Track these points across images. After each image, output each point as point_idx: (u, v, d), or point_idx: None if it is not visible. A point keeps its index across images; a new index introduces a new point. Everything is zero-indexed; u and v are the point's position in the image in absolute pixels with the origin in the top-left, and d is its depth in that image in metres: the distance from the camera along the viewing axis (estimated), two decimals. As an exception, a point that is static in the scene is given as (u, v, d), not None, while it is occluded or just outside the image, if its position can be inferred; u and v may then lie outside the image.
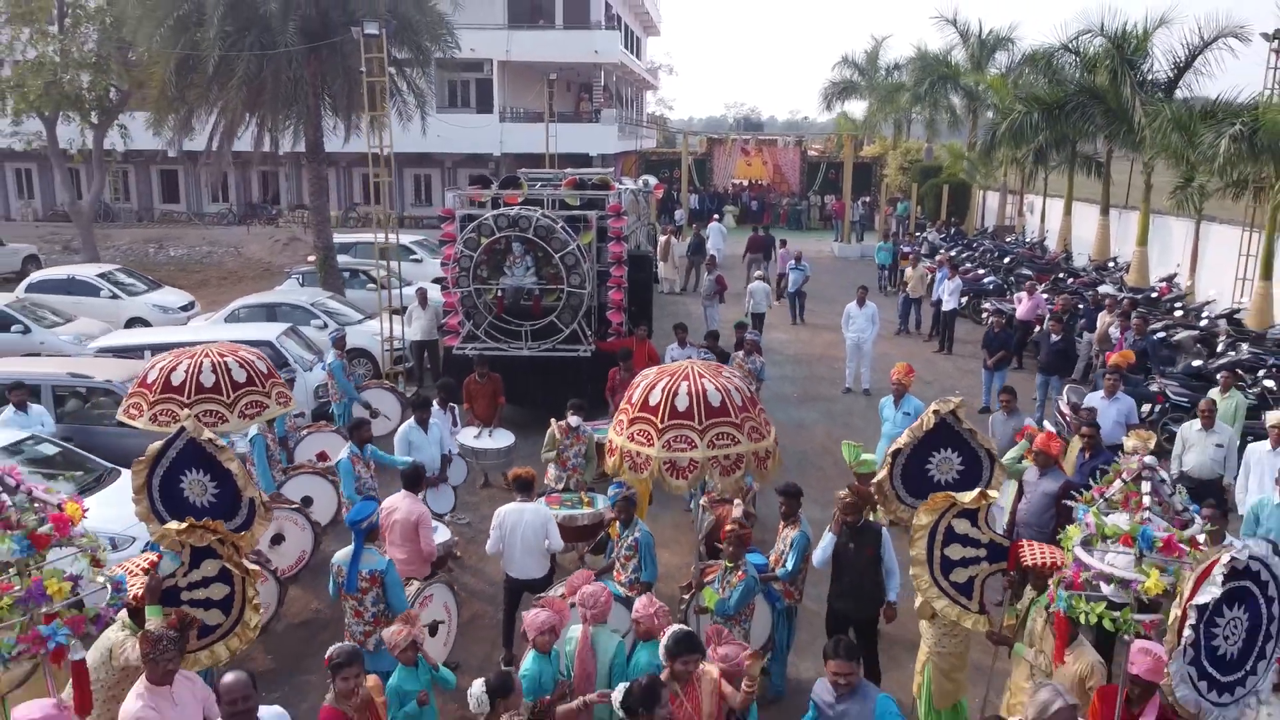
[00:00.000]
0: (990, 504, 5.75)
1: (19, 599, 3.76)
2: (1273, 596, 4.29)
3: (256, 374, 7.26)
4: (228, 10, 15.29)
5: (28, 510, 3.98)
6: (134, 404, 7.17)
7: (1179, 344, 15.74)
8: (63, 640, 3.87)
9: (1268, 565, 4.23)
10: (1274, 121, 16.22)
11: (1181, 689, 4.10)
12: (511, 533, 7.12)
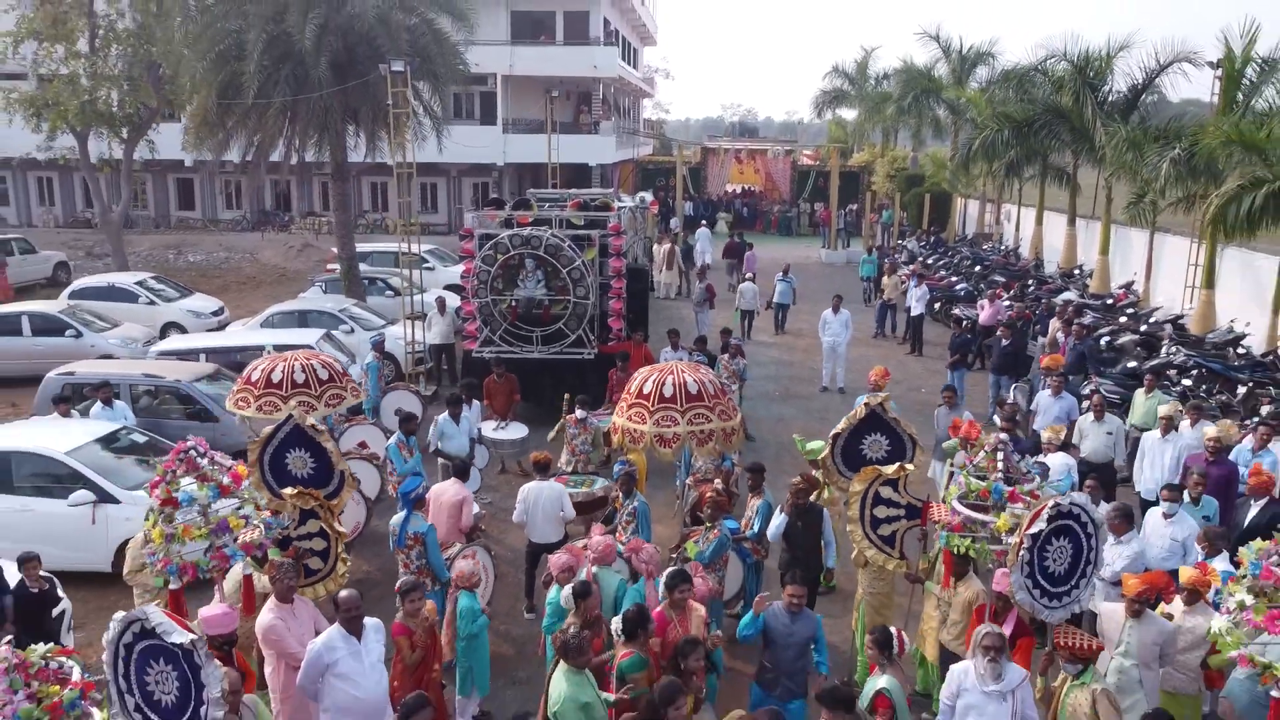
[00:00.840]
0: (907, 474, 7.46)
1: (212, 530, 5.43)
2: (1091, 534, 6.00)
3: (335, 373, 9.01)
4: (266, 46, 16.97)
5: (215, 469, 5.63)
6: (242, 397, 8.89)
7: (1121, 347, 17.48)
8: (239, 557, 5.54)
9: (1086, 510, 5.95)
10: (1209, 146, 17.93)
11: (1020, 595, 5.82)
12: (534, 505, 8.81)
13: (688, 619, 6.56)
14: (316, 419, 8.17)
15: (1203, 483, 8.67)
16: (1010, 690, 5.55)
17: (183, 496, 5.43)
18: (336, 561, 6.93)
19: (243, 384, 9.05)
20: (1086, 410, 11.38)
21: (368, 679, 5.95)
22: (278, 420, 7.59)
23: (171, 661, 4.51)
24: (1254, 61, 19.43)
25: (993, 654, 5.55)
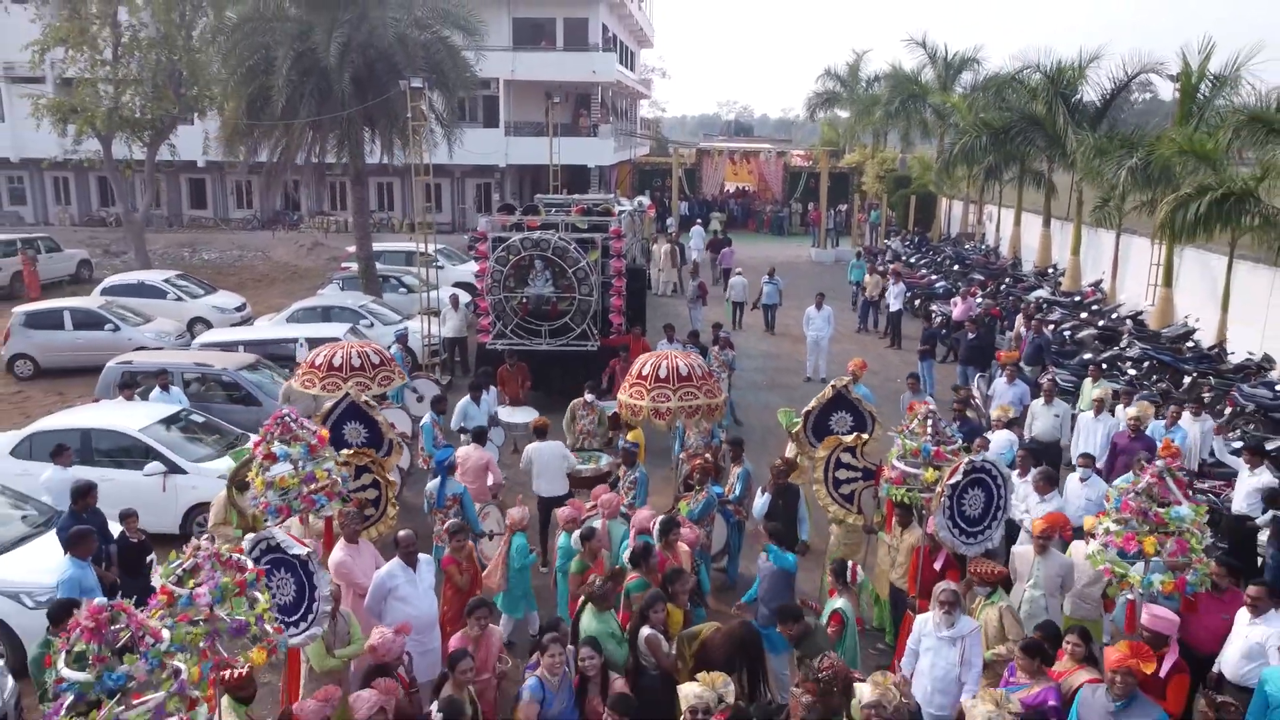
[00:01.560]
0: (864, 443, 8.95)
1: (301, 479, 6.90)
2: (1000, 485, 7.50)
3: (385, 359, 10.50)
4: (293, 62, 18.41)
5: (305, 431, 7.09)
6: (307, 378, 10.37)
7: (1081, 341, 19.00)
8: (323, 503, 7.02)
9: (996, 466, 7.45)
10: (1164, 155, 19.44)
11: (941, 533, 7.31)
12: (539, 462, 10.30)
13: (677, 556, 8.04)
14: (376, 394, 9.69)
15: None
16: (960, 636, 6.71)
17: (280, 453, 6.88)
18: (387, 506, 8.43)
19: (308, 367, 10.55)
20: (1038, 395, 12.89)
21: (421, 601, 7.43)
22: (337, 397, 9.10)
23: (290, 570, 5.98)
24: (1208, 77, 20.94)
25: (947, 607, 6.75)
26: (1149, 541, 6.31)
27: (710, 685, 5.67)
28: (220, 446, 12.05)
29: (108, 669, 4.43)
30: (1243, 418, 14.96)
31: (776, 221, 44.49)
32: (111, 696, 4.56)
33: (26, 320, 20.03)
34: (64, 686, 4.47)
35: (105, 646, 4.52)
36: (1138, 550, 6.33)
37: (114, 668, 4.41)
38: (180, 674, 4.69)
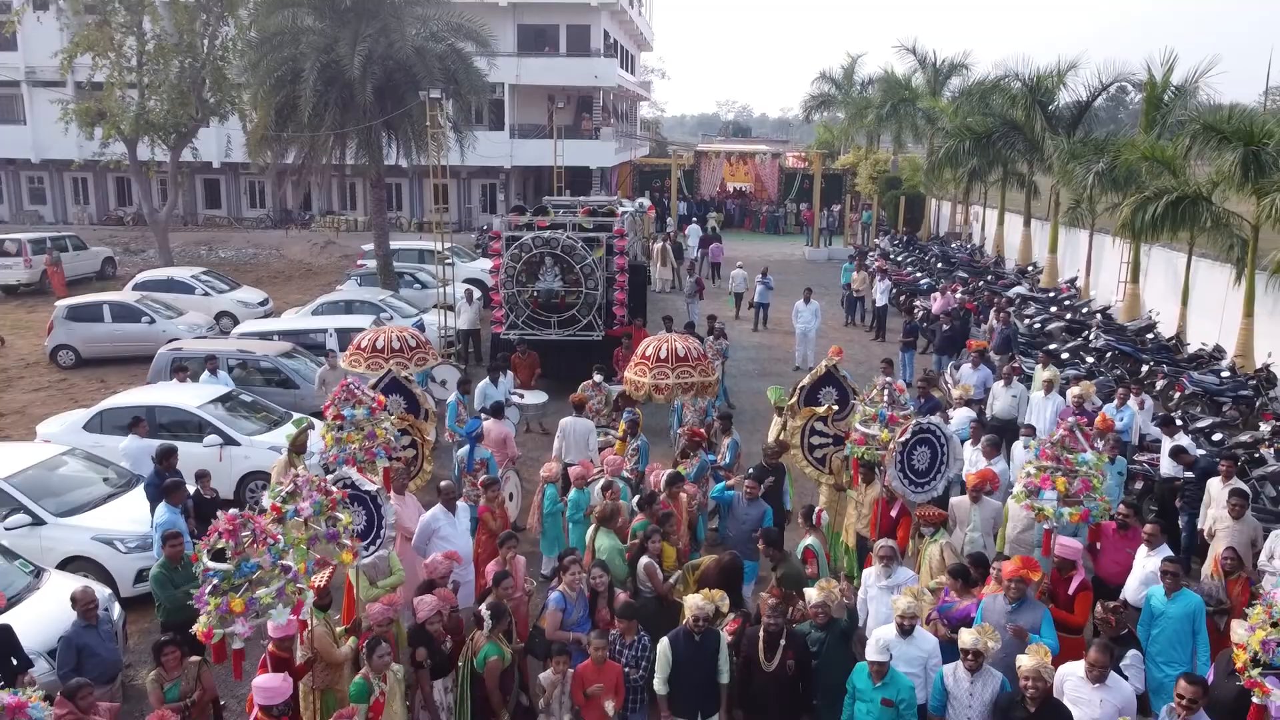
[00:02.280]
0: (833, 414, 10.40)
1: (365, 436, 8.35)
2: (944, 444, 8.95)
3: (420, 342, 11.96)
4: (319, 73, 19.84)
5: (367, 396, 8.53)
6: (354, 359, 11.83)
7: (1050, 332, 20.46)
8: (381, 455, 8.47)
9: (940, 427, 8.91)
10: (1127, 161, 20.89)
11: (895, 483, 8.77)
12: (569, 433, 11.72)
13: (678, 504, 9.49)
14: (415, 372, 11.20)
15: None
16: (898, 585, 7.96)
17: (347, 414, 8.32)
18: (424, 463, 9.92)
19: (354, 349, 12.02)
20: (999, 379, 14.37)
21: (459, 540, 8.87)
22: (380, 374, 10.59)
23: (361, 503, 7.43)
24: (1170, 88, 22.40)
25: (885, 560, 8.10)
26: (1060, 481, 7.77)
27: (710, 599, 7.13)
28: (266, 423, 13.52)
29: (244, 560, 5.88)
30: (1190, 401, 16.47)
31: (772, 221, 45.96)
32: (237, 589, 6.03)
33: (69, 313, 21.46)
34: (210, 574, 5.93)
35: (239, 545, 5.98)
36: (1052, 488, 7.79)
37: (249, 558, 5.85)
38: (291, 569, 6.16)
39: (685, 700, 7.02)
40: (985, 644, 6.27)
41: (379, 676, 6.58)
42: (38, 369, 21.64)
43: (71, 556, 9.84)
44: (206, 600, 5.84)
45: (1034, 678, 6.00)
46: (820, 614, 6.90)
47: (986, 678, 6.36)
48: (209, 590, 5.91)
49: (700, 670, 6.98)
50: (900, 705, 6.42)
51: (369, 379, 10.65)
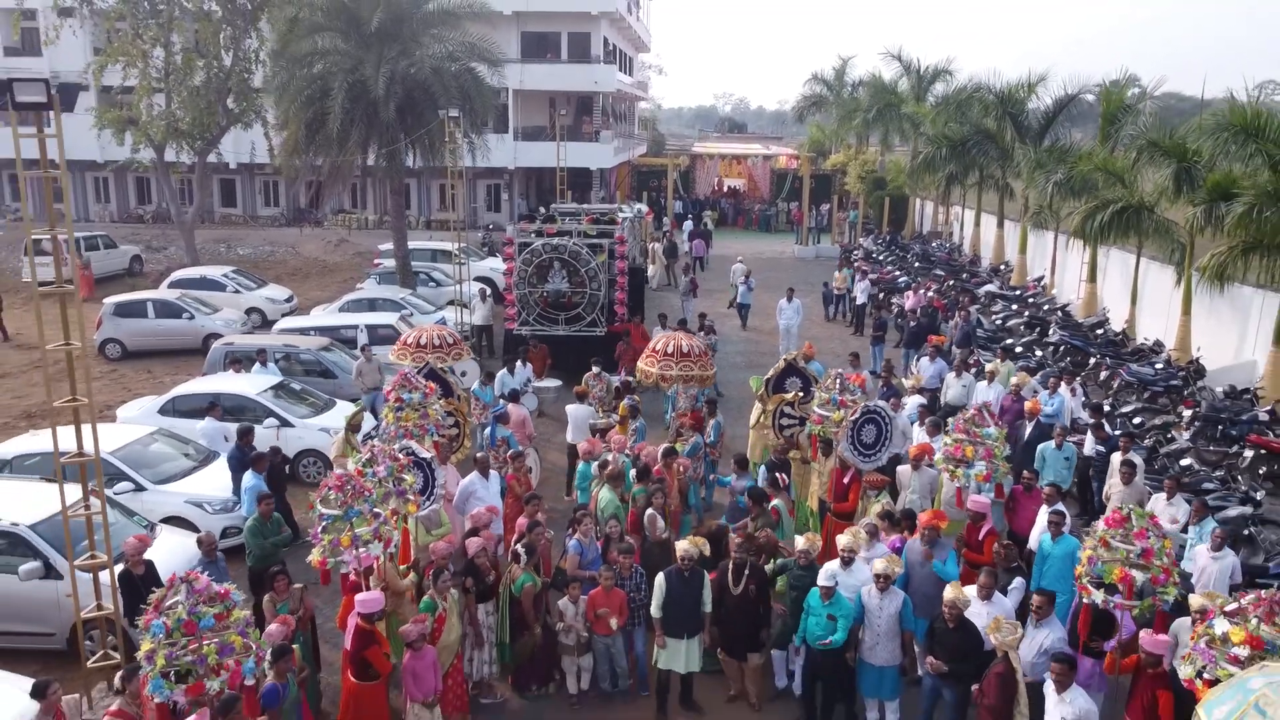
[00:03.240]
0: (799, 399, 12.46)
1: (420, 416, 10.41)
2: (888, 424, 11.02)
3: (456, 339, 14.04)
4: (347, 92, 21.84)
5: (420, 383, 10.58)
6: (400, 353, 13.87)
7: (1010, 328, 22.51)
8: (432, 431, 10.53)
9: (883, 409, 10.98)
10: (1083, 171, 22.94)
11: (846, 454, 10.84)
12: (574, 417, 13.78)
13: (671, 474, 11.54)
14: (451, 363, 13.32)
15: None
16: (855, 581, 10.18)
17: (407, 397, 10.36)
18: (464, 438, 11.98)
19: (401, 345, 14.07)
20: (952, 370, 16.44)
21: (491, 500, 10.91)
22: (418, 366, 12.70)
23: (420, 468, 9.48)
24: (1124, 105, 24.45)
25: (845, 560, 9.98)
26: (969, 450, 9.85)
27: (695, 544, 9.17)
28: (314, 408, 15.56)
29: (350, 508, 7.93)
30: (1127, 390, 18.53)
31: (764, 219, 48.00)
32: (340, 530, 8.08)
33: (116, 310, 23.46)
34: (324, 518, 7.98)
35: (343, 495, 8.04)
36: (963, 455, 9.87)
37: (355, 505, 7.91)
38: (381, 515, 8.22)
39: (676, 623, 9.03)
40: (892, 570, 8.35)
41: (441, 597, 8.64)
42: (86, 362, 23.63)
43: (168, 517, 11.86)
44: (320, 537, 7.90)
45: (951, 605, 8.04)
46: (804, 558, 8.98)
47: (892, 595, 8.43)
48: (321, 529, 7.97)
49: (687, 600, 9.00)
50: (840, 618, 8.49)
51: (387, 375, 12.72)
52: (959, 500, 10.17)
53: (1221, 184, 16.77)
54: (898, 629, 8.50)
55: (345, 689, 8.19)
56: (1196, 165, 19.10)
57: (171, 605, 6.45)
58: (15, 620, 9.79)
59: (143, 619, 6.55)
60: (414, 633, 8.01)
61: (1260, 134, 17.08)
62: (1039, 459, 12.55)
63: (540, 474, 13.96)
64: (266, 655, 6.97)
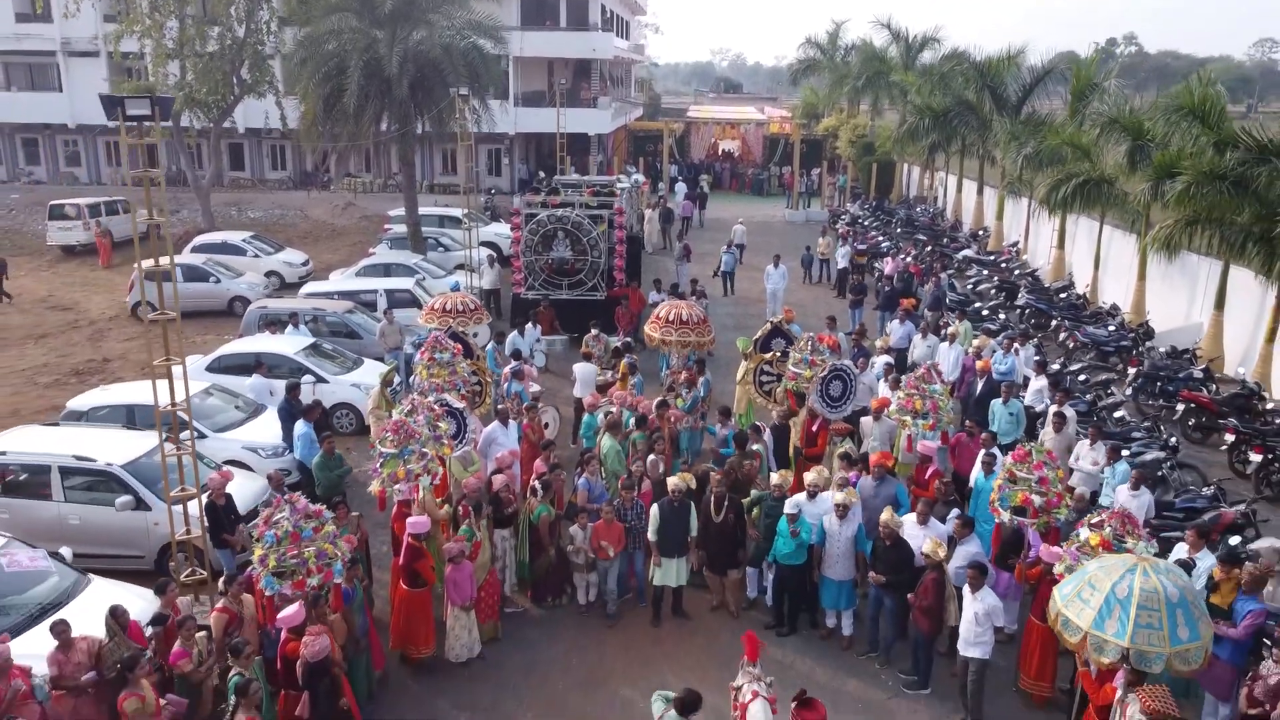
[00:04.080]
0: (777, 357, 14.21)
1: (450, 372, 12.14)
2: (852, 380, 12.80)
3: (477, 305, 15.75)
4: (362, 70, 23.29)
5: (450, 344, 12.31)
6: (428, 316, 15.54)
7: (981, 292, 24.23)
8: (460, 386, 12.27)
9: (849, 368, 12.76)
10: (1051, 145, 24.51)
11: (816, 405, 12.63)
12: (580, 374, 15.53)
13: (665, 422, 13.31)
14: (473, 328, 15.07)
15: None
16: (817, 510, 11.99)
17: (439, 357, 12.09)
18: (485, 394, 13.74)
19: (429, 310, 15.73)
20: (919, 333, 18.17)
21: (510, 446, 12.70)
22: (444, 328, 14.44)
23: (453, 416, 11.25)
24: (1091, 82, 25.96)
25: (810, 493, 11.88)
26: (918, 403, 11.64)
27: (684, 480, 10.95)
28: (344, 366, 17.26)
29: (404, 447, 9.70)
30: (1082, 350, 20.30)
31: (757, 183, 49.43)
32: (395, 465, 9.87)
33: (147, 275, 24.96)
34: (382, 456, 9.75)
35: (398, 437, 9.81)
36: (913, 407, 11.66)
37: (408, 444, 9.68)
38: (428, 454, 9.99)
39: (668, 545, 10.84)
40: (849, 500, 10.16)
41: (476, 525, 10.44)
42: (120, 322, 25.29)
43: (227, 460, 13.62)
44: (379, 470, 9.68)
45: (885, 526, 9.85)
46: (777, 491, 10.79)
47: (850, 522, 10.24)
48: (380, 464, 9.75)
49: (678, 526, 10.81)
50: (805, 539, 10.31)
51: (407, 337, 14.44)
52: (909, 445, 11.97)
53: (1166, 163, 18.38)
54: (853, 550, 10.32)
55: (397, 596, 10.03)
56: (1151, 143, 20.70)
57: (278, 520, 8.24)
58: (111, 545, 11.56)
59: (257, 531, 8.37)
60: (455, 549, 9.82)
61: (1206, 117, 18.72)
62: (990, 414, 14.34)
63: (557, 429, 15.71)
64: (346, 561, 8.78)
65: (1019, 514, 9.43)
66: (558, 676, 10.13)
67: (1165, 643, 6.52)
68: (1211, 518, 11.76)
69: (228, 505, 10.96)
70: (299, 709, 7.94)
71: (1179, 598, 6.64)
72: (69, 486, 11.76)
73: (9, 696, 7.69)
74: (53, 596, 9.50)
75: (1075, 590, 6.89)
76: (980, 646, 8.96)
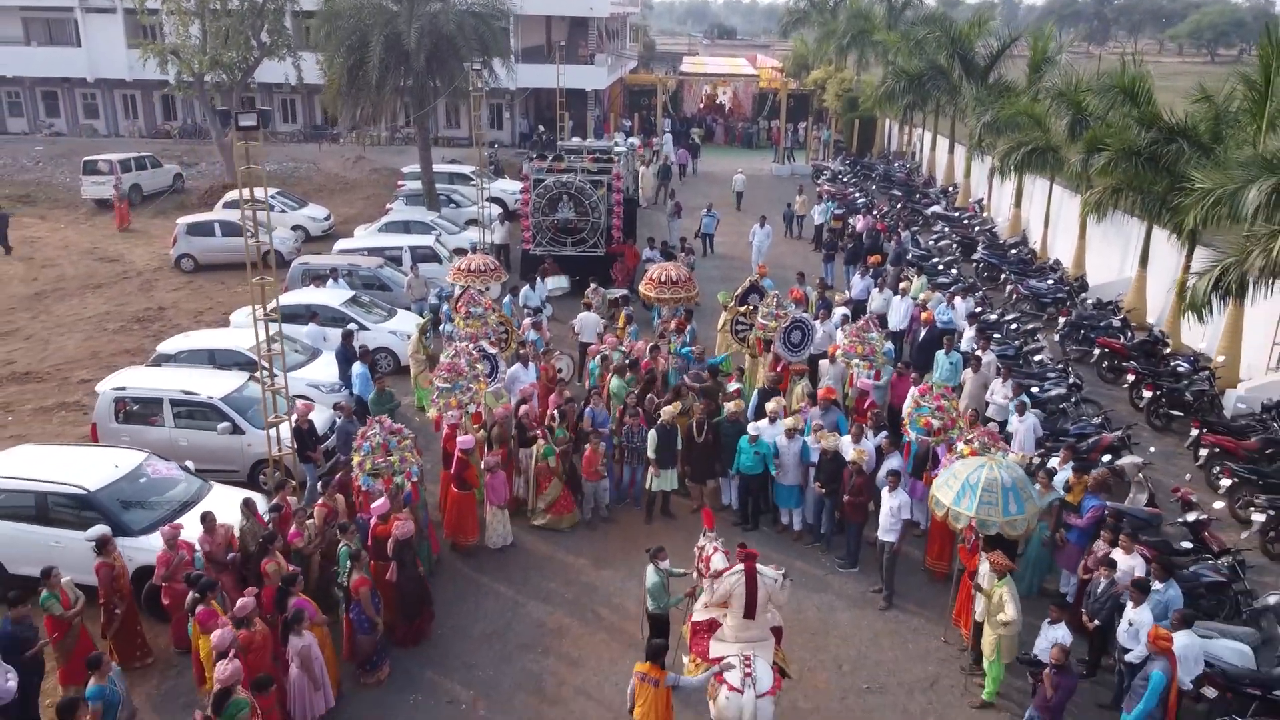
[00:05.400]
0: (749, 310, 17.04)
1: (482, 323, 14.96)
2: (809, 329, 15.66)
3: (496, 266, 18.51)
4: (383, 44, 25.69)
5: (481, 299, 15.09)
6: (456, 276, 18.25)
7: (942, 248, 26.98)
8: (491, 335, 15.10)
9: (806, 320, 15.63)
10: (1006, 113, 27.07)
11: (779, 350, 15.51)
12: (584, 323, 18.37)
13: (657, 363, 16.14)
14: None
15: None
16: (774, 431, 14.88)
17: (474, 310, 14.89)
18: (511, 341, 16.57)
19: (456, 271, 18.40)
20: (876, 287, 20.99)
21: (530, 381, 15.56)
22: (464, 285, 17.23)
23: (487, 359, 14.10)
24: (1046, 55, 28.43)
25: (770, 419, 14.77)
26: (859, 347, 14.52)
27: (674, 410, 13.83)
28: (381, 315, 20.01)
29: (456, 382, 12.57)
30: (1023, 301, 23.14)
31: (747, 136, 51.76)
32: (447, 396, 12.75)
33: (188, 229, 27.66)
34: (439, 389, 12.63)
35: (450, 374, 12.67)
36: (855, 351, 14.55)
37: (458, 380, 12.55)
38: (472, 389, 12.87)
39: (664, 459, 13.73)
40: (797, 425, 13.09)
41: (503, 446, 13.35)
42: (164, 273, 27.92)
43: (293, 395, 16.45)
44: (437, 400, 12.55)
45: (825, 445, 12.77)
46: (732, 416, 13.69)
47: (797, 441, 13.16)
48: (436, 394, 12.62)
49: (669, 445, 13.71)
50: (764, 452, 13.24)
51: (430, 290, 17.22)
52: (850, 382, 14.89)
53: (1094, 138, 21.02)
54: (799, 462, 13.25)
55: (449, 499, 12.97)
56: (1090, 117, 23.30)
57: (371, 435, 11.14)
58: (213, 462, 14.40)
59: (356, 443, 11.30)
60: (493, 461, 12.76)
61: (1135, 97, 21.30)
62: (935, 362, 17.06)
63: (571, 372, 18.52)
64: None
65: (925, 433, 12.36)
66: (573, 559, 13.15)
67: (999, 514, 9.50)
68: (1094, 441, 14.75)
69: (310, 429, 13.85)
70: (388, 574, 10.88)
71: (1011, 484, 9.61)
72: (177, 415, 14.62)
73: (176, 562, 10.63)
74: (186, 497, 12.41)
75: (944, 480, 9.85)
76: (893, 533, 11.93)
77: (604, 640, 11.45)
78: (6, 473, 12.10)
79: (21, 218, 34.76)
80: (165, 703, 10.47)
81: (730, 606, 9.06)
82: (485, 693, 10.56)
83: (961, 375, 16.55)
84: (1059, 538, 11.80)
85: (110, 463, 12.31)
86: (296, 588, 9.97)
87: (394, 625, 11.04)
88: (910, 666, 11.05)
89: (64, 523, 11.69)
